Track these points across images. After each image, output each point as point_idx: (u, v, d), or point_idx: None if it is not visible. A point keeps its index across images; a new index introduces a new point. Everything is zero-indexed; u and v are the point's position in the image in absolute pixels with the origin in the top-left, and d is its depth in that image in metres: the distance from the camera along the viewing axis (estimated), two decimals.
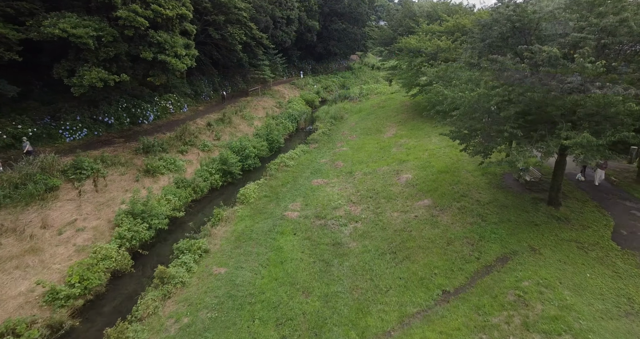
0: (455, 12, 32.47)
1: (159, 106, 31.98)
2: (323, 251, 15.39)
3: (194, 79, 40.24)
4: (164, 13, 23.48)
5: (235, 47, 36.39)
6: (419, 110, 35.44)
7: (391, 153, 25.36)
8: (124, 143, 24.92)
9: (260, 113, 39.21)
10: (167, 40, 23.89)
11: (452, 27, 28.46)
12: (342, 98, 49.63)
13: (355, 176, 22.80)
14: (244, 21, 37.19)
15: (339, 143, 31.26)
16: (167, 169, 23.59)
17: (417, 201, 18.05)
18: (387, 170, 22.53)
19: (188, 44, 27.07)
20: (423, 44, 28.32)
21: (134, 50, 23.26)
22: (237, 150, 26.76)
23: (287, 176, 24.22)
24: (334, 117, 39.91)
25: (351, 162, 25.51)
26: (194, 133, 28.93)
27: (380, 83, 61.71)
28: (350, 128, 35.78)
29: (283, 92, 50.49)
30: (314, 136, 33.49)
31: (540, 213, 14.50)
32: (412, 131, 29.47)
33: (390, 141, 28.31)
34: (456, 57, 26.43)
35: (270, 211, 19.62)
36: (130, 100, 29.11)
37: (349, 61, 78.09)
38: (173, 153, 25.79)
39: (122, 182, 21.03)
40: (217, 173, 24.16)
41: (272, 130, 31.30)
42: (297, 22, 52.71)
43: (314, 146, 31.17)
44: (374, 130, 32.85)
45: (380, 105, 43.27)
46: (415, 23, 34.11)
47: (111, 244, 15.07)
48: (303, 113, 40.63)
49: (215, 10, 35.90)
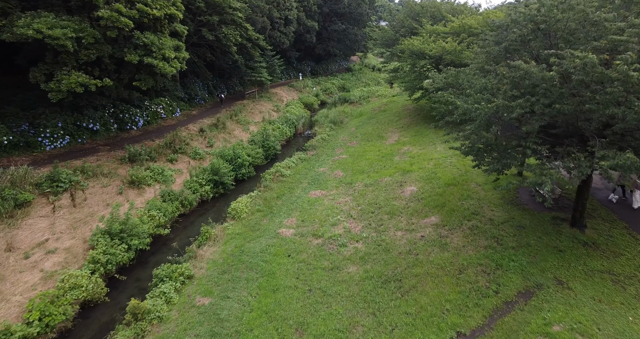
0: (460, 13, 30.92)
1: (149, 111, 30.43)
2: (320, 277, 13.81)
3: (187, 82, 38.71)
4: (150, 13, 21.94)
5: (230, 49, 34.84)
6: (422, 114, 33.89)
7: (394, 162, 23.78)
8: (109, 151, 23.35)
9: (256, 118, 37.66)
10: (155, 42, 22.34)
11: (457, 28, 26.90)
12: (342, 101, 48.10)
13: (356, 188, 21.23)
14: (239, 22, 35.65)
15: (339, 150, 29.69)
16: (154, 180, 22.02)
17: (423, 219, 16.47)
18: (390, 181, 20.96)
19: (178, 46, 25.52)
20: (427, 45, 26.76)
21: (118, 53, 21.71)
22: (230, 159, 25.19)
23: (282, 188, 22.65)
24: (333, 121, 38.36)
25: (351, 171, 23.94)
26: (185, 140, 27.37)
27: (381, 86, 60.20)
28: (350, 133, 34.21)
29: (281, 95, 48.96)
30: (312, 142, 31.93)
31: (563, 236, 12.92)
32: (416, 137, 27.89)
33: (393, 148, 26.72)
34: (463, 59, 24.86)
35: (264, 228, 18.04)
36: (118, 104, 27.56)
37: (349, 62, 76.57)
38: (162, 162, 24.22)
39: (104, 195, 19.46)
40: (208, 184, 22.58)
41: (268, 136, 29.74)
42: (295, 23, 51.20)
43: (312, 153, 29.60)
44: (375, 136, 31.29)
45: (381, 108, 41.72)
46: (418, 24, 32.56)
47: (83, 270, 13.48)
48: (301, 118, 39.08)
49: (209, 10, 34.37)
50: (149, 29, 23.37)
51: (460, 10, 31.02)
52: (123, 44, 21.96)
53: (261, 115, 38.43)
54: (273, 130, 34.13)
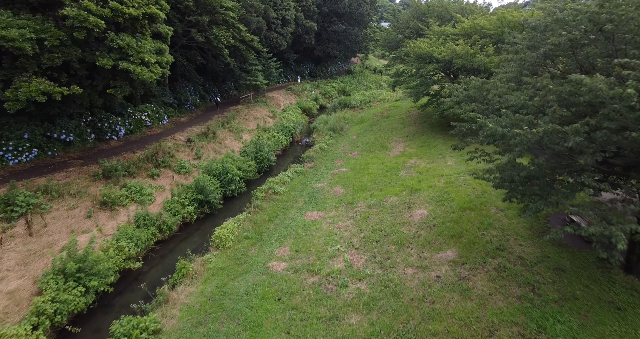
0: (470, 12, 28.52)
1: (133, 119, 27.99)
2: (315, 332, 11.32)
3: (177, 86, 36.28)
4: (126, 12, 19.49)
5: (222, 51, 32.40)
6: (428, 122, 31.42)
7: (399, 178, 21.30)
8: (82, 166, 20.89)
9: (250, 125, 35.19)
10: (132, 44, 19.88)
11: (468, 29, 24.48)
12: (342, 106, 45.66)
13: (358, 209, 18.75)
14: (232, 22, 33.22)
15: (338, 161, 27.21)
16: (131, 199, 19.55)
17: (437, 252, 13.98)
18: (396, 201, 18.48)
19: (160, 49, 23.07)
20: (435, 48, 24.31)
21: (89, 57, 19.27)
22: (218, 174, 22.71)
23: (275, 208, 20.16)
24: (333, 128, 35.91)
25: (352, 188, 21.46)
26: (170, 152, 24.89)
27: (383, 89, 57.73)
28: (351, 142, 31.74)
29: (278, 99, 46.53)
30: (310, 153, 29.44)
31: (617, 286, 10.44)
32: (423, 149, 25.40)
33: (398, 161, 24.24)
34: (475, 63, 22.41)
35: (252, 260, 15.55)
36: (96, 112, 25.11)
37: (350, 64, 74.18)
38: (141, 177, 21.75)
39: (69, 220, 16.98)
40: (192, 204, 20.10)
41: (262, 147, 27.27)
42: (293, 23, 48.80)
43: (309, 165, 27.12)
44: (378, 146, 28.81)
45: (384, 114, 39.25)
46: (425, 24, 30.12)
47: (22, 324, 10.99)
48: (299, 125, 36.63)
49: (199, 10, 31.94)
50: (126, 30, 20.93)
51: (470, 9, 28.61)
52: (95, 47, 19.52)
53: (256, 122, 35.96)
54: (268, 139, 31.69)
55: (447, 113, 24.45)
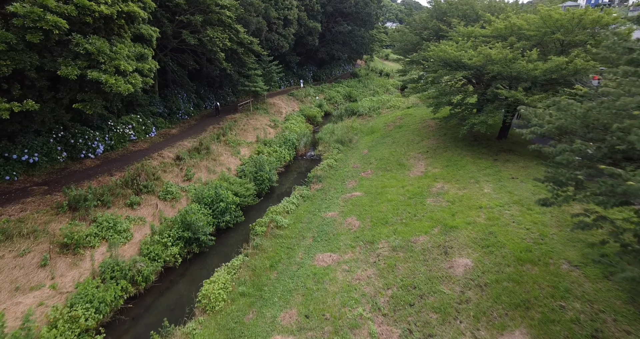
0: (500, 10, 24.95)
1: (114, 133, 24.44)
2: None
3: (168, 94, 32.76)
4: (96, 10, 15.93)
5: (217, 55, 28.85)
6: (449, 134, 27.82)
7: (427, 209, 17.70)
8: (45, 194, 17.34)
9: (249, 137, 31.60)
10: (103, 49, 16.33)
11: (503, 30, 20.91)
12: (349, 113, 42.11)
13: (380, 252, 15.16)
14: (228, 22, 29.68)
15: (350, 182, 23.62)
16: (101, 238, 15.98)
17: (500, 334, 10.36)
18: (428, 243, 14.88)
19: (142, 55, 19.52)
20: (464, 52, 20.73)
21: (49, 64, 15.71)
22: (211, 201, 19.13)
23: (278, 247, 16.56)
24: (340, 140, 32.32)
25: (370, 220, 17.89)
26: (155, 173, 21.32)
27: (392, 94, 54.19)
28: (362, 157, 28.15)
29: (279, 106, 42.96)
30: (317, 171, 25.83)
31: None
32: (450, 169, 21.78)
33: (421, 184, 20.63)
34: (514, 71, 18.83)
35: (249, 332, 11.95)
36: (70, 126, 21.59)
37: (355, 67, 70.67)
38: (118, 207, 18.17)
39: (16, 271, 13.41)
40: (177, 243, 16.51)
41: (262, 165, 23.68)
42: (296, 24, 45.30)
43: (316, 187, 23.52)
44: (394, 163, 25.21)
45: (396, 123, 35.67)
46: (446, 25, 26.54)
47: None
48: (303, 136, 33.04)
49: (191, 8, 28.43)
50: (99, 32, 17.38)
51: (499, 7, 25.05)
52: (58, 52, 15.97)
53: (255, 133, 32.37)
54: (269, 154, 28.11)
55: (478, 128, 20.90)
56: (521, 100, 18.01)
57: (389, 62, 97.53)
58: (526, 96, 18.04)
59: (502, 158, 21.27)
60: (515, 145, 23.45)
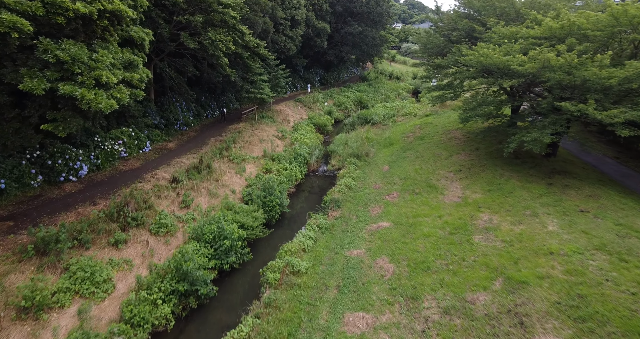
0: (546, 7, 21.63)
1: (101, 150, 21.29)
2: None
3: (165, 102, 29.61)
4: (70, 8, 12.75)
5: (219, 60, 25.65)
6: (483, 149, 24.48)
7: (477, 249, 14.41)
8: (8, 232, 14.17)
9: (255, 151, 28.38)
10: (80, 56, 13.16)
11: (558, 31, 17.61)
12: (362, 121, 38.83)
13: (428, 315, 11.89)
14: (232, 23, 26.49)
15: (374, 208, 20.37)
16: (75, 293, 12.77)
17: None
18: (491, 304, 11.59)
19: (130, 62, 16.33)
20: (513, 57, 17.45)
21: (10, 76, 12.54)
22: (213, 238, 15.90)
23: (296, 304, 13.29)
24: (356, 154, 29.05)
25: (407, 263, 14.64)
26: (147, 200, 18.12)
27: (405, 99, 50.88)
28: (383, 175, 24.88)
29: (286, 113, 39.76)
30: (334, 193, 22.54)
31: None
32: (494, 194, 18.46)
33: (462, 214, 17.34)
34: (577, 79, 15.53)
35: None
36: (47, 145, 18.46)
37: (363, 69, 67.39)
38: (99, 247, 14.97)
39: None
40: (170, 299, 13.26)
41: (272, 188, 20.45)
42: (303, 24, 42.12)
43: (335, 214, 20.27)
44: (423, 184, 21.94)
45: (416, 133, 32.39)
46: (480, 24, 23.25)
47: None
48: (315, 149, 29.78)
49: (191, 8, 25.27)
50: (77, 36, 14.21)
51: (547, 4, 21.76)
52: (21, 61, 12.79)
53: (262, 147, 29.16)
54: (278, 172, 24.87)
55: (529, 147, 17.60)
56: (592, 115, 14.72)
57: (396, 64, 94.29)
58: (598, 110, 14.74)
59: (558, 182, 17.93)
60: (568, 164, 20.12)
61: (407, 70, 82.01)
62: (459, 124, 31.84)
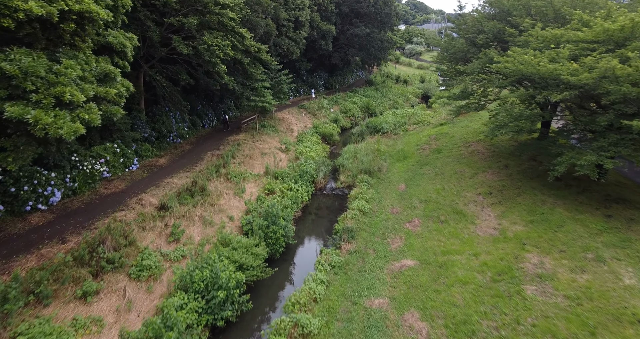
0: (591, 5, 18.78)
1: (79, 171, 18.51)
2: None
3: (157, 112, 26.91)
4: (20, 8, 10.01)
5: (217, 68, 22.88)
6: (513, 166, 21.62)
7: (533, 307, 11.54)
8: None
9: (256, 167, 25.58)
10: (35, 69, 10.39)
11: (616, 33, 14.77)
12: (372, 130, 36.01)
13: None
14: (231, 26, 23.75)
15: (394, 240, 17.53)
16: None
17: None
18: None
19: (106, 74, 13.55)
20: (562, 66, 14.61)
21: None
22: (205, 287, 13.07)
23: None
24: (367, 169, 26.21)
25: (443, 322, 11.80)
26: (128, 234, 15.33)
27: (415, 105, 48.04)
28: (400, 196, 22.06)
29: (290, 122, 37.03)
30: (346, 221, 19.67)
31: None
32: (538, 226, 15.57)
33: (503, 253, 14.46)
34: None
35: None
36: (18, 168, 15.65)
37: (369, 73, 64.58)
38: (64, 301, 12.17)
39: None
40: None
41: (276, 217, 17.64)
42: (308, 26, 39.38)
43: (349, 247, 17.42)
44: (448, 208, 19.11)
45: (432, 145, 29.57)
46: (512, 27, 20.42)
47: None
48: (322, 164, 26.94)
49: (184, 9, 22.54)
50: (35, 43, 11.46)
51: (592, 1, 18.91)
52: None
53: (263, 162, 26.37)
54: (282, 193, 22.03)
55: (583, 172, 14.75)
56: None
57: (401, 66, 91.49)
58: None
59: (619, 214, 15.04)
60: (624, 189, 17.21)
61: (414, 73, 79.20)
62: (480, 135, 29.16)
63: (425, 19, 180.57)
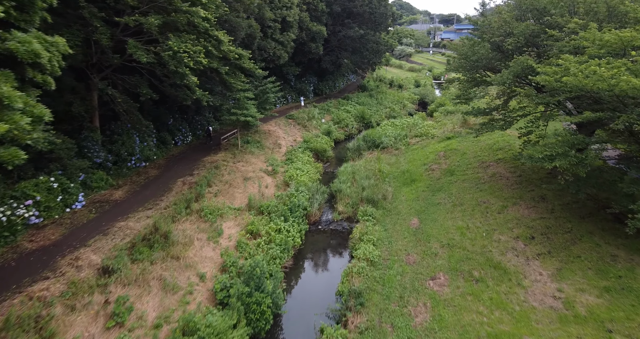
0: None
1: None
2: None
3: (117, 129, 22.15)
4: None
5: (185, 79, 18.29)
6: (552, 197, 17.66)
7: None
8: None
9: (237, 198, 21.05)
10: None
11: None
12: (369, 144, 31.85)
13: None
14: (204, 28, 19.18)
15: (416, 308, 13.31)
16: None
17: None
18: None
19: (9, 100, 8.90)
20: None
21: None
22: None
23: None
24: (370, 198, 21.97)
25: None
26: (45, 323, 10.66)
27: (414, 114, 44.08)
28: (414, 235, 17.89)
29: (277, 136, 32.60)
30: (351, 277, 15.25)
31: None
32: (619, 297, 11.57)
33: None
34: None
35: None
36: None
37: (362, 77, 60.52)
38: None
39: None
40: None
41: (261, 278, 13.19)
42: (296, 27, 35.03)
43: (357, 322, 13.07)
44: (481, 259, 15.01)
45: (441, 164, 25.57)
46: (550, 27, 16.45)
47: None
48: (315, 191, 22.54)
49: (143, 5, 17.89)
50: None
51: None
52: None
53: (246, 190, 21.87)
54: (268, 237, 17.53)
55: None
56: None
57: (392, 68, 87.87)
58: None
59: None
60: None
61: (407, 76, 75.62)
62: (497, 153, 25.29)
63: (412, 19, 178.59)
